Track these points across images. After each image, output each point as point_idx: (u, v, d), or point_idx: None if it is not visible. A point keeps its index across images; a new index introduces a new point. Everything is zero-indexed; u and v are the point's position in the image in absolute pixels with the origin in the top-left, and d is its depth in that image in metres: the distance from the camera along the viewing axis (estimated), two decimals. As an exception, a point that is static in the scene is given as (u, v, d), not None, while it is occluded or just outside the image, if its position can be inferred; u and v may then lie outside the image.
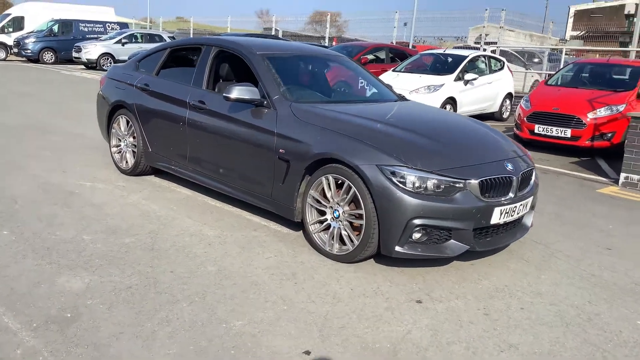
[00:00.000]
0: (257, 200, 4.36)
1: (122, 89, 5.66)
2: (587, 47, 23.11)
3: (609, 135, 8.08)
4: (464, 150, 3.82)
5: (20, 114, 9.42)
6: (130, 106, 5.47)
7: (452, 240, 3.54)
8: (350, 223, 3.71)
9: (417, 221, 3.41)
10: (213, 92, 4.83)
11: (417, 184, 3.43)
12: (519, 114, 8.92)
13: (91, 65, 21.16)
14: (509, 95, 12.39)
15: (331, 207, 3.80)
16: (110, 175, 5.65)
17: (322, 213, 3.88)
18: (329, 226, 3.84)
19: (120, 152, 5.78)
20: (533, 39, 43.36)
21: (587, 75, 9.66)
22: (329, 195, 3.79)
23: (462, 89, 10.51)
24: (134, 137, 5.57)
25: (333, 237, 3.79)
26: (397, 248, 3.48)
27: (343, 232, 3.73)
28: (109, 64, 21.13)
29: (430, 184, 3.44)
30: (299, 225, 4.31)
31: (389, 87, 5.30)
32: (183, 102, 4.90)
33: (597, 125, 8.06)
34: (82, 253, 3.64)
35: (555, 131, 8.26)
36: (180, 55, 5.52)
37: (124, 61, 20.17)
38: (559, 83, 9.56)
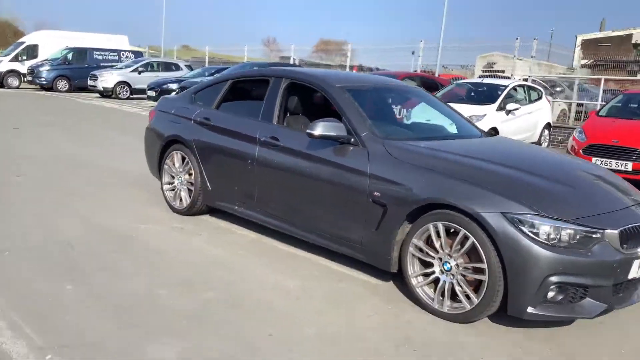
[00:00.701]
0: (343, 248, 3.93)
1: (177, 122, 5.28)
2: (623, 77, 22.41)
3: (672, 169, 7.67)
4: (592, 195, 3.41)
5: (49, 144, 9.05)
6: (187, 142, 5.08)
7: (588, 299, 3.09)
8: (463, 276, 3.28)
9: (554, 278, 2.97)
10: (287, 128, 4.45)
11: (552, 235, 3.00)
12: (573, 146, 8.53)
13: (107, 94, 20.92)
14: (548, 126, 12.06)
15: (440, 258, 3.37)
16: (163, 215, 5.23)
17: (428, 265, 3.45)
18: (436, 280, 3.40)
19: (173, 190, 5.37)
20: (542, 68, 43.37)
21: (638, 106, 9.30)
22: (437, 245, 3.36)
23: (504, 119, 10.17)
24: (190, 175, 5.16)
25: (443, 293, 3.35)
26: (530, 309, 3.03)
27: (457, 288, 3.28)
28: (125, 92, 20.93)
29: (565, 234, 3.01)
30: (389, 275, 3.89)
31: (469, 120, 4.92)
32: (252, 138, 4.50)
33: (660, 158, 7.66)
34: (163, 312, 3.20)
35: (615, 164, 7.85)
36: (244, 87, 5.15)
37: (141, 90, 20.08)
38: (611, 114, 9.19)
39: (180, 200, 5.28)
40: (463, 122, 4.80)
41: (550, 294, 3.03)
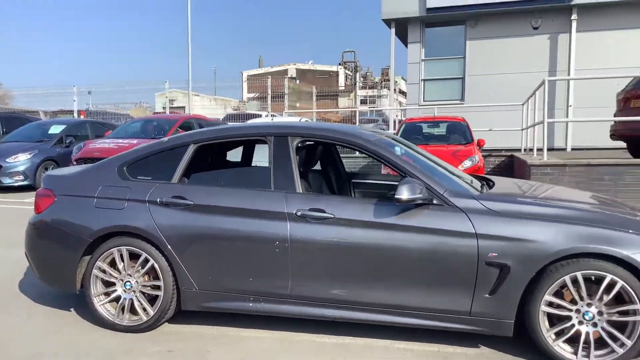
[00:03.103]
0: (438, 322, 3.44)
1: (115, 208, 3.81)
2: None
3: (476, 183, 9.05)
4: None
5: None
6: (147, 232, 3.71)
7: None
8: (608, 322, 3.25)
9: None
10: (329, 196, 3.69)
11: None
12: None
13: None
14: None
15: (578, 309, 3.27)
16: (112, 340, 3.69)
17: (561, 319, 3.30)
18: (577, 332, 3.27)
19: (116, 301, 3.85)
20: (218, 102, 46.44)
21: (425, 132, 10.65)
22: (576, 296, 3.25)
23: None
24: (148, 277, 3.80)
25: (588, 344, 3.25)
26: (689, 339, 3.19)
27: (604, 335, 3.23)
28: None
29: None
30: (485, 338, 3.61)
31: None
32: (277, 214, 3.58)
33: (468, 176, 8.94)
34: None
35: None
36: (217, 151, 4.04)
37: None
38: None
39: (133, 313, 3.83)
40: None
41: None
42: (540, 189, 4.23)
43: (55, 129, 12.54)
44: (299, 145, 3.83)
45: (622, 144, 9.77)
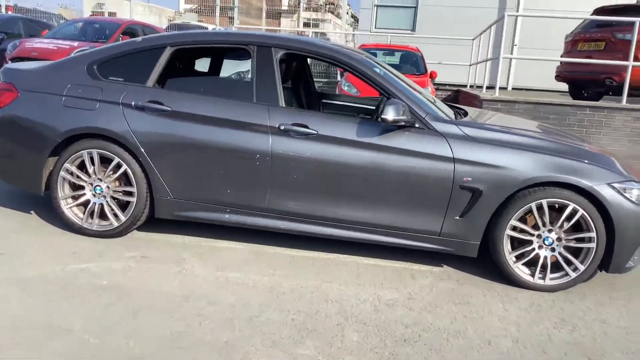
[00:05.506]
0: (408, 241, 3.60)
1: (86, 108, 3.63)
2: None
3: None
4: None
5: None
6: (121, 136, 3.58)
7: None
8: (566, 247, 3.51)
9: (647, 233, 3.51)
10: (314, 112, 3.65)
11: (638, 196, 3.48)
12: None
13: None
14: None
15: (539, 235, 3.51)
16: (88, 244, 3.63)
17: (523, 242, 3.54)
18: (536, 256, 3.53)
19: (84, 205, 3.75)
20: (152, 10, 43.99)
21: (380, 59, 10.60)
22: (539, 222, 3.48)
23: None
24: (120, 182, 3.71)
25: (544, 267, 3.52)
26: (629, 264, 3.51)
27: (560, 259, 3.50)
28: None
29: None
30: (449, 258, 3.84)
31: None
32: (259, 127, 3.53)
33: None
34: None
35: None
36: (195, 57, 3.86)
37: None
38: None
39: (103, 218, 3.75)
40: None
41: (640, 248, 3.56)
42: (499, 118, 4.40)
43: (-16, 24, 11.51)
44: (282, 58, 3.75)
45: (562, 87, 10.22)
